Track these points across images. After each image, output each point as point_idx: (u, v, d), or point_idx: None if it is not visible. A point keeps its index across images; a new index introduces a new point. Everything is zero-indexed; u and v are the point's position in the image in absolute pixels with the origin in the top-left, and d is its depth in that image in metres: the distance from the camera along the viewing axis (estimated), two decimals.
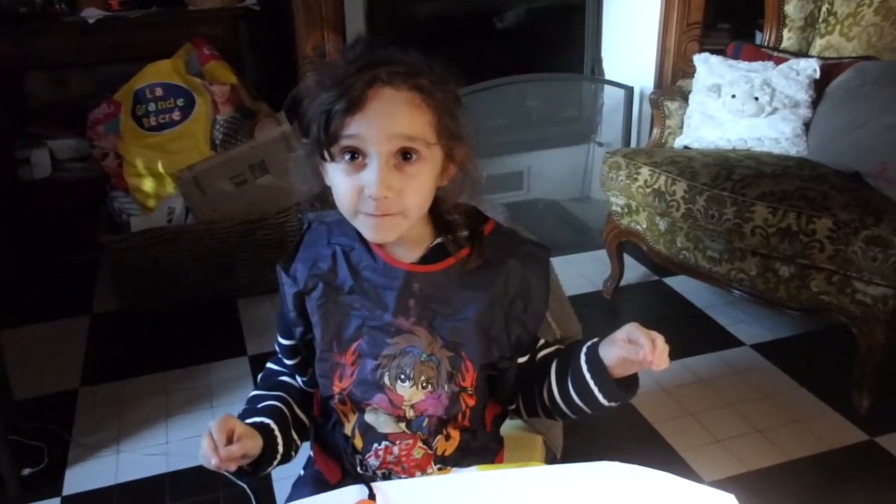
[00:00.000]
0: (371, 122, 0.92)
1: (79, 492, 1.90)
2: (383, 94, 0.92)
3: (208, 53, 2.80)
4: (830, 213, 1.98)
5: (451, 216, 1.05)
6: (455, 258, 1.04)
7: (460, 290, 1.03)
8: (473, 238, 1.05)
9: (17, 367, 2.17)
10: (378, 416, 1.05)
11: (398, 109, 0.93)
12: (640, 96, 3.17)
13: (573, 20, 3.36)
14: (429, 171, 0.97)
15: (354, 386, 1.04)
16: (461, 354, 1.04)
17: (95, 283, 2.86)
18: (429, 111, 0.95)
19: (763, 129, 2.44)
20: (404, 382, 1.03)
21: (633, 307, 2.71)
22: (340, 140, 0.93)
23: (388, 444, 1.06)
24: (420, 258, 1.04)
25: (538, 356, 1.11)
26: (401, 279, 1.02)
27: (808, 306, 2.11)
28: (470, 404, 1.07)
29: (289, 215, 2.68)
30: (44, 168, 2.92)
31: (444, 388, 1.04)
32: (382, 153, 0.93)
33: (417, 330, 1.03)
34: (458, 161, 1.01)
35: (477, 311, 1.03)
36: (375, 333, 1.03)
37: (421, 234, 1.05)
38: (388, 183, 0.93)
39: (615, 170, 2.48)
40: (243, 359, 2.40)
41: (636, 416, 2.10)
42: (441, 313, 1.03)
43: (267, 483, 1.89)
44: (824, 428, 2.04)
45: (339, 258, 1.04)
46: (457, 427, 1.08)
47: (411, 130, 0.93)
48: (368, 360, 1.03)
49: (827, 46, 2.65)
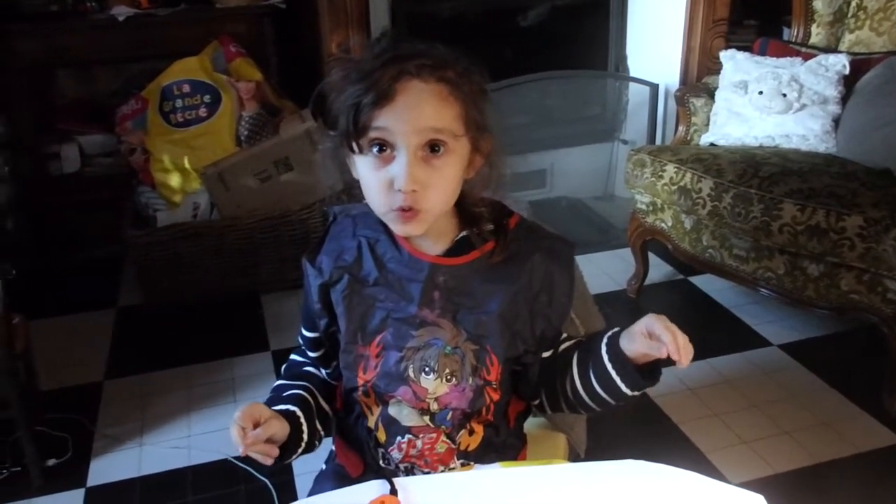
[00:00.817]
0: (399, 115, 0.92)
1: (102, 483, 1.92)
2: (411, 86, 0.92)
3: (234, 50, 2.82)
4: (860, 211, 1.95)
5: (477, 209, 1.05)
6: (480, 251, 1.04)
7: (484, 284, 1.03)
8: (498, 232, 1.05)
9: (43, 359, 2.20)
10: (402, 408, 1.05)
11: (426, 102, 0.93)
12: (664, 94, 3.14)
13: (597, 17, 3.34)
14: (456, 163, 0.97)
15: (378, 378, 1.04)
16: (485, 347, 1.03)
17: (121, 277, 2.89)
18: (456, 103, 0.94)
19: (791, 126, 2.40)
20: (428, 375, 1.03)
21: (657, 306, 2.68)
22: (369, 132, 0.93)
23: (412, 437, 1.06)
24: (445, 251, 1.04)
25: (560, 349, 1.10)
26: (426, 271, 1.02)
27: (838, 305, 2.08)
28: (494, 398, 1.06)
29: (312, 211, 2.69)
30: (73, 163, 2.96)
31: (468, 382, 1.03)
32: (411, 146, 0.93)
33: (442, 322, 1.02)
34: (484, 153, 1.01)
35: (501, 304, 1.03)
36: (400, 325, 1.03)
37: (446, 226, 1.04)
38: (415, 176, 0.93)
39: (640, 167, 2.45)
40: (266, 353, 2.41)
41: (661, 416, 2.08)
42: (465, 306, 1.03)
43: (288, 478, 1.89)
44: (854, 430, 2.00)
45: (365, 250, 1.04)
46: (480, 422, 1.08)
47: (439, 123, 0.93)
48: (393, 353, 1.03)
49: (856, 42, 2.60)
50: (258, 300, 2.71)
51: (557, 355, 1.10)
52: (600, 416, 1.15)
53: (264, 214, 2.64)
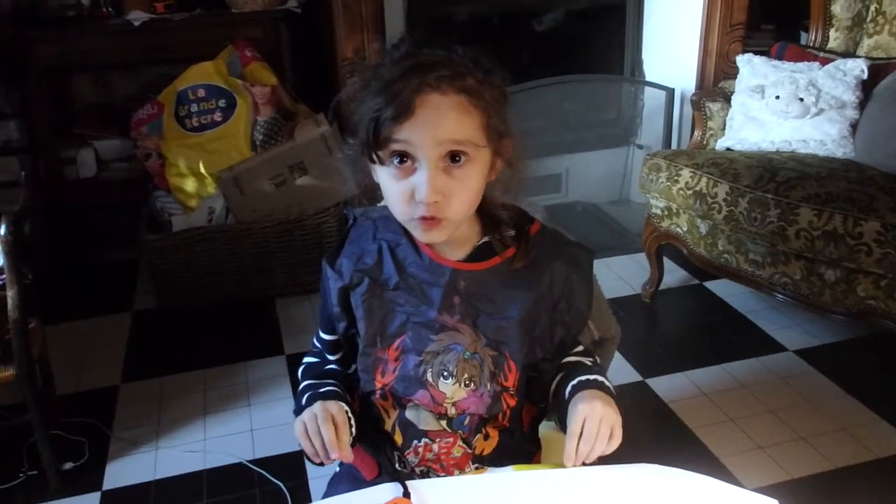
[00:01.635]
0: (420, 129, 0.92)
1: (118, 486, 1.93)
2: (431, 100, 0.92)
3: (250, 55, 2.84)
4: (878, 216, 1.93)
5: (499, 213, 1.05)
6: (501, 257, 1.04)
7: (505, 290, 1.03)
8: (520, 238, 1.05)
9: (59, 362, 2.22)
10: (419, 412, 1.05)
11: (446, 115, 0.92)
12: (680, 98, 3.13)
13: (613, 21, 3.33)
14: (477, 171, 0.97)
15: (396, 382, 1.04)
16: (504, 354, 1.04)
17: (137, 281, 2.90)
18: (476, 113, 0.94)
19: (808, 131, 2.39)
20: (447, 379, 1.03)
21: (672, 311, 2.67)
22: (390, 145, 0.94)
23: (428, 441, 1.06)
24: (466, 256, 1.04)
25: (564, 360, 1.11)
26: (447, 276, 1.02)
27: (855, 311, 2.06)
28: (511, 404, 1.06)
29: (327, 215, 2.69)
30: (89, 168, 2.98)
31: (486, 387, 1.04)
32: (431, 158, 0.93)
33: (462, 327, 1.03)
34: (505, 156, 1.00)
35: (521, 310, 1.03)
36: (420, 329, 1.03)
37: (468, 232, 1.05)
38: (437, 187, 0.93)
39: (655, 171, 2.44)
40: (280, 357, 2.42)
41: (676, 421, 2.07)
42: (485, 311, 1.03)
43: (302, 481, 1.90)
44: (871, 436, 1.99)
45: (385, 254, 1.04)
46: (496, 427, 1.08)
47: (460, 135, 0.93)
48: (411, 357, 1.03)
49: (875, 46, 2.59)
50: (273, 304, 2.72)
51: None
52: None
53: (279, 219, 2.65)
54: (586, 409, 0.98)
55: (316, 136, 2.64)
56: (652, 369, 2.28)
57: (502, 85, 0.98)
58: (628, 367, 2.28)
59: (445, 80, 0.92)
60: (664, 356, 2.37)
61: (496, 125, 0.96)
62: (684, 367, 2.29)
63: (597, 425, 0.96)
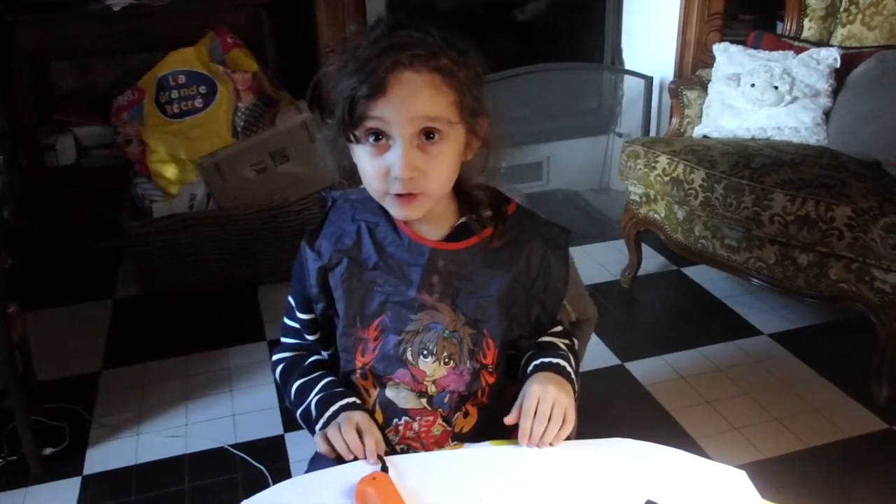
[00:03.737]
0: (393, 106, 0.94)
1: (99, 471, 1.93)
2: (404, 77, 0.94)
3: (231, 42, 2.83)
4: (850, 201, 1.97)
5: (476, 194, 1.07)
6: (478, 237, 1.06)
7: (483, 269, 1.06)
8: (497, 218, 1.07)
9: (40, 349, 2.21)
10: (399, 391, 1.07)
11: (419, 92, 0.94)
12: (659, 87, 3.16)
13: (593, 11, 3.35)
14: (452, 148, 0.98)
15: (377, 361, 1.06)
16: (483, 332, 1.06)
17: (118, 267, 2.90)
18: (450, 91, 0.96)
19: (783, 119, 2.42)
20: (427, 358, 1.05)
21: (650, 296, 2.71)
22: (365, 123, 0.95)
23: (409, 419, 1.08)
24: (445, 236, 1.06)
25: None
26: (426, 256, 1.04)
27: (827, 294, 2.10)
28: (490, 381, 1.09)
29: (309, 202, 2.70)
30: (69, 154, 2.96)
31: (465, 365, 1.06)
32: (405, 135, 0.94)
33: (441, 306, 1.05)
34: (481, 135, 1.02)
35: (499, 289, 1.05)
36: (399, 309, 1.05)
37: (445, 212, 1.06)
38: (412, 164, 0.95)
39: (633, 158, 2.47)
40: (262, 343, 2.43)
41: (653, 403, 2.10)
42: (464, 290, 1.05)
43: (284, 465, 1.92)
44: (842, 417, 2.03)
45: (364, 234, 1.06)
46: (475, 404, 1.10)
47: (433, 112, 0.95)
48: (391, 336, 1.05)
49: (848, 36, 2.62)
50: (255, 291, 2.72)
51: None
52: (592, 403, 1.17)
53: (261, 205, 2.65)
54: (539, 390, 1.01)
55: (298, 122, 2.64)
56: (630, 353, 2.31)
57: (477, 66, 1.00)
58: (607, 352, 2.31)
59: (419, 58, 0.94)
60: (642, 340, 2.40)
61: (469, 103, 0.98)
62: (662, 351, 2.32)
63: (549, 407, 0.99)
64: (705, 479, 0.95)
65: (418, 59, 0.94)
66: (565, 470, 0.95)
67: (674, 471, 0.96)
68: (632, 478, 0.94)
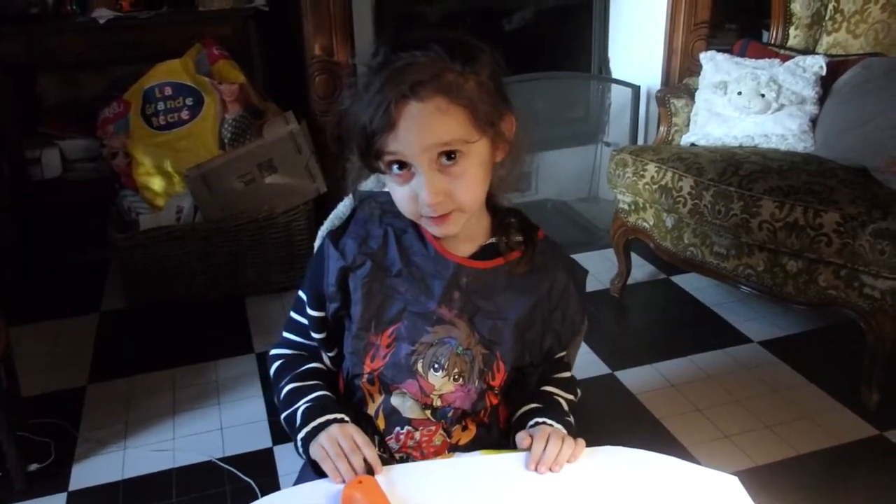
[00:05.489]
0: (405, 139, 0.93)
1: (85, 486, 1.91)
2: (410, 109, 0.92)
3: (217, 53, 2.82)
4: (837, 207, 1.98)
5: (508, 219, 1.08)
6: (504, 259, 1.06)
7: (506, 291, 1.06)
8: (527, 243, 1.08)
9: (25, 363, 2.18)
10: (405, 400, 1.07)
11: (426, 122, 0.92)
12: (647, 96, 3.17)
13: (580, 20, 3.36)
14: (476, 163, 0.97)
15: (386, 368, 1.05)
16: (496, 353, 1.06)
17: (104, 281, 2.87)
18: (459, 110, 0.93)
19: (769, 126, 2.43)
20: (437, 372, 1.04)
21: (640, 305, 2.71)
22: (384, 157, 0.95)
23: (411, 429, 1.07)
24: (472, 254, 1.06)
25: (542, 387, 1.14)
26: (451, 270, 1.04)
27: (816, 301, 2.10)
28: (493, 403, 1.09)
29: (297, 214, 2.69)
30: (54, 168, 2.95)
31: (474, 384, 1.06)
32: (424, 163, 0.94)
33: (458, 322, 1.04)
34: (507, 137, 1.00)
35: (518, 313, 1.06)
36: (416, 319, 1.04)
37: (477, 230, 1.06)
38: (437, 189, 0.94)
39: (622, 167, 2.47)
40: (250, 356, 2.41)
41: (644, 412, 2.10)
42: (484, 310, 1.05)
43: (273, 478, 1.90)
44: (833, 423, 2.03)
45: (391, 240, 1.05)
46: (475, 421, 1.10)
47: (446, 136, 0.93)
48: (404, 345, 1.04)
49: (834, 44, 2.64)
50: (243, 303, 2.71)
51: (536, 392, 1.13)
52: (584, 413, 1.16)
53: (248, 217, 2.64)
54: (548, 429, 1.01)
55: (285, 133, 2.64)
56: (621, 362, 2.31)
57: (489, 66, 0.97)
58: (597, 361, 2.31)
59: (421, 85, 0.91)
60: (632, 349, 2.40)
61: (484, 113, 0.95)
62: (652, 360, 2.32)
63: (560, 442, 0.99)
64: (697, 485, 0.94)
65: (420, 86, 0.91)
66: (557, 478, 0.95)
67: (666, 477, 0.95)
68: (624, 485, 0.93)
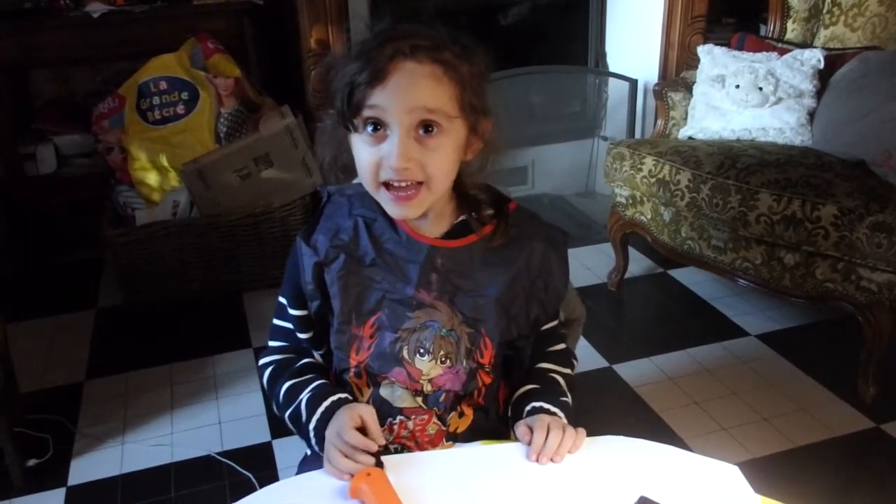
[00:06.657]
0: (392, 94, 0.93)
1: (84, 482, 1.91)
2: (405, 67, 0.93)
3: (213, 47, 2.81)
4: (835, 200, 1.98)
5: (475, 194, 1.06)
6: (478, 235, 1.05)
7: (483, 267, 1.04)
8: (499, 216, 1.06)
9: (23, 360, 2.18)
10: (394, 389, 1.06)
11: (419, 83, 0.93)
12: (644, 90, 3.17)
13: (577, 14, 3.36)
14: (450, 144, 0.97)
15: (372, 359, 1.04)
16: (481, 331, 1.05)
17: (101, 276, 2.86)
18: (451, 84, 0.95)
19: (767, 119, 2.43)
20: (423, 356, 1.04)
21: (637, 299, 2.71)
22: (363, 111, 0.95)
23: (403, 418, 1.07)
24: (444, 234, 1.05)
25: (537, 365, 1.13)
26: (424, 253, 1.03)
27: (814, 294, 2.10)
28: (486, 381, 1.08)
29: (293, 208, 2.68)
30: (49, 164, 2.94)
31: (462, 364, 1.05)
32: (403, 125, 0.93)
33: (439, 305, 1.03)
34: (482, 135, 1.01)
35: (498, 288, 1.04)
36: (396, 307, 1.03)
37: (445, 209, 1.05)
38: (408, 154, 0.94)
39: (619, 160, 2.47)
40: (248, 351, 2.41)
41: (642, 405, 2.10)
42: (463, 289, 1.04)
43: (272, 472, 1.90)
44: (830, 416, 2.03)
45: (361, 230, 1.04)
46: (471, 405, 1.09)
47: (432, 103, 0.94)
48: (388, 334, 1.04)
49: (831, 37, 2.64)
50: (240, 298, 2.70)
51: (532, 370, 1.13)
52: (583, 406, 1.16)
53: (245, 212, 2.63)
54: (548, 419, 1.00)
55: (281, 127, 2.63)
56: (618, 356, 2.31)
57: (482, 64, 0.99)
58: (595, 354, 2.31)
59: (421, 49, 0.93)
60: (630, 343, 2.40)
61: (471, 99, 0.96)
62: (650, 353, 2.32)
63: (561, 432, 0.98)
64: (698, 474, 0.94)
65: (420, 50, 0.93)
66: (558, 468, 0.94)
67: (666, 467, 0.95)
68: (625, 475, 0.93)
